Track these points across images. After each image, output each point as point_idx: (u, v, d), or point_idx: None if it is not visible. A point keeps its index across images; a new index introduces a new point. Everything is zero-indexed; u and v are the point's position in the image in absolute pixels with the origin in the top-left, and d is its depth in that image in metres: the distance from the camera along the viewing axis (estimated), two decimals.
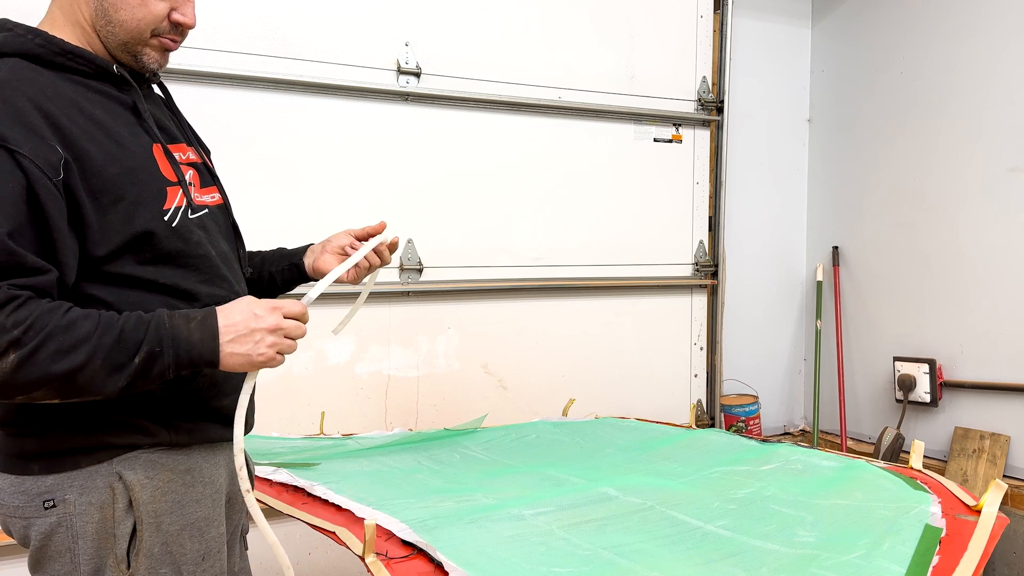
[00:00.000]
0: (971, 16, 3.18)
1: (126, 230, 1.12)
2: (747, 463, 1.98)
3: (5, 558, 2.35)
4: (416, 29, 2.86)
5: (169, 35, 1.20)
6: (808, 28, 3.93)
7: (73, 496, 1.13)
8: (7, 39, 1.12)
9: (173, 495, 1.18)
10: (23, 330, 0.98)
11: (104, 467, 1.14)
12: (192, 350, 1.08)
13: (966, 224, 3.20)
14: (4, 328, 0.97)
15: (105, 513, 1.14)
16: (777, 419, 3.94)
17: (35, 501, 1.13)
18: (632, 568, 1.33)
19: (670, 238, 3.44)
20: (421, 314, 2.93)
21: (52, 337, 0.99)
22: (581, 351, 3.24)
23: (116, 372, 1.03)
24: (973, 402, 3.20)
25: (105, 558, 1.15)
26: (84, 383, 1.02)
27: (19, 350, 0.97)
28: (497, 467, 2.05)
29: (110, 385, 1.03)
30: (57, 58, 1.13)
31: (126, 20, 1.15)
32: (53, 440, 1.13)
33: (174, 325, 1.08)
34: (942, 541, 1.36)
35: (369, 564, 1.34)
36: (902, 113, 3.46)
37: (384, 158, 2.85)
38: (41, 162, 1.03)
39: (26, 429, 1.13)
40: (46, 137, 1.05)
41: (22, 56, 1.11)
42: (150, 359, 1.05)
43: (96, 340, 1.02)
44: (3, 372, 0.97)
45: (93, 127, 1.11)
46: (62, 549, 1.14)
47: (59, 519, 1.13)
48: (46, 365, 0.99)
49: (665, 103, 3.37)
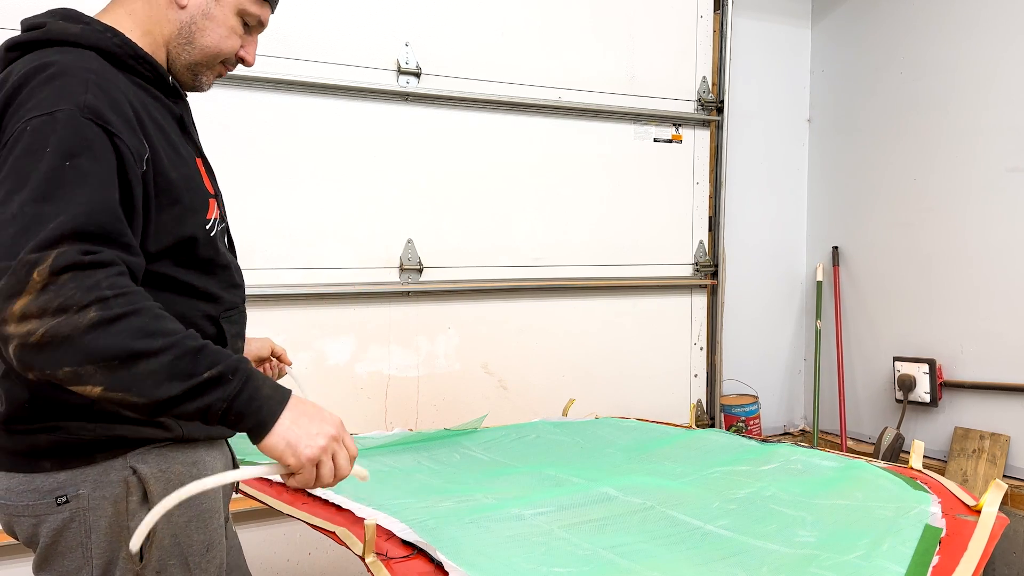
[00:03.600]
0: (971, 16, 3.18)
1: (176, 232, 1.15)
2: (747, 463, 1.98)
3: (5, 558, 2.35)
4: (416, 29, 2.86)
5: (229, 65, 1.29)
6: (808, 28, 3.93)
7: (87, 491, 1.12)
8: (86, 32, 1.13)
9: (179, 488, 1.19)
10: (116, 294, 0.94)
11: (118, 462, 1.14)
12: (255, 400, 1.01)
13: (966, 224, 3.20)
14: (98, 285, 0.93)
15: (119, 507, 1.14)
16: (777, 419, 3.94)
17: (47, 498, 1.12)
18: (632, 568, 1.33)
19: (670, 238, 3.44)
20: (421, 314, 2.93)
21: (140, 314, 0.95)
22: (581, 351, 3.24)
23: (178, 378, 0.96)
24: (973, 402, 3.20)
25: (117, 551, 1.14)
26: (142, 374, 0.95)
27: (103, 311, 0.92)
28: (497, 467, 2.05)
29: (162, 390, 0.96)
30: (128, 60, 1.16)
31: (208, 46, 1.22)
32: (68, 435, 1.12)
33: (253, 371, 1.03)
34: (942, 541, 1.36)
35: (369, 564, 1.34)
36: (902, 113, 3.46)
37: (384, 158, 2.85)
38: (133, 150, 1.06)
39: (38, 425, 1.12)
40: (135, 130, 1.09)
41: (98, 51, 1.12)
42: (215, 382, 0.98)
43: (177, 339, 0.97)
44: (76, 326, 0.92)
45: (158, 131, 1.15)
46: (74, 544, 1.13)
47: (72, 514, 1.12)
48: (120, 337, 0.93)
49: (665, 103, 3.37)
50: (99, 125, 1.02)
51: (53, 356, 0.92)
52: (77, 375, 0.93)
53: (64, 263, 0.92)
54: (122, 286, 0.96)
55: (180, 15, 1.20)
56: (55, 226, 0.94)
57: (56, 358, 0.93)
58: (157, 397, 0.96)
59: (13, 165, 0.98)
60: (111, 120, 1.04)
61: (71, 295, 0.92)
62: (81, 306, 0.92)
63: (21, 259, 0.92)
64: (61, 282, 0.92)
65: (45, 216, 0.94)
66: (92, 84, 1.05)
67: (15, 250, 0.93)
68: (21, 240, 0.93)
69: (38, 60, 1.07)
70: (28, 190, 0.96)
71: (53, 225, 0.94)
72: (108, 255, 0.97)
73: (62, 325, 0.91)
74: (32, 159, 0.98)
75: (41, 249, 0.92)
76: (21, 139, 0.99)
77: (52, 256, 0.92)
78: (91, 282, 0.93)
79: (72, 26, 1.13)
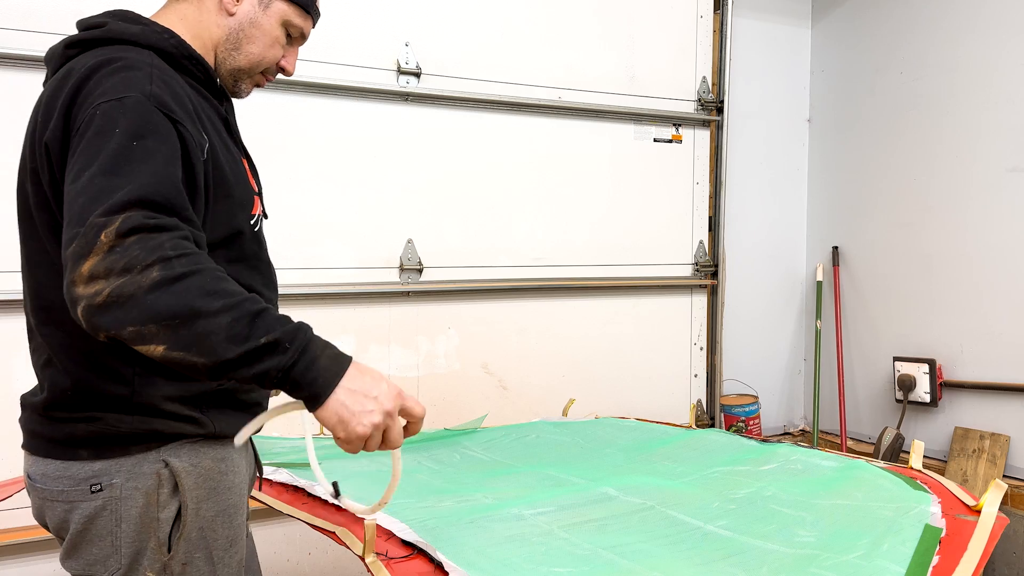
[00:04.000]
0: (971, 16, 3.18)
1: (228, 224, 1.21)
2: (747, 463, 1.98)
3: (5, 558, 2.35)
4: (416, 29, 2.87)
5: (269, 75, 1.35)
6: (808, 28, 3.93)
7: (120, 480, 1.15)
8: (145, 32, 1.18)
9: (211, 482, 1.22)
10: (178, 254, 0.96)
11: (152, 454, 1.17)
12: (309, 371, 1.00)
13: (966, 224, 3.20)
14: (161, 246, 0.96)
15: (150, 498, 1.16)
16: (777, 419, 3.94)
17: (81, 485, 1.15)
18: (632, 568, 1.33)
19: (670, 238, 3.44)
20: (421, 314, 2.93)
21: (201, 274, 0.97)
22: (581, 351, 3.24)
23: (235, 341, 0.96)
24: (973, 402, 3.20)
25: (146, 542, 1.17)
26: (201, 334, 0.95)
27: (166, 270, 0.94)
28: (497, 467, 2.05)
29: (219, 351, 0.96)
30: (183, 60, 1.21)
31: (253, 53, 1.29)
32: (105, 426, 1.14)
33: (312, 340, 1.03)
34: (942, 541, 1.36)
35: (369, 564, 1.34)
36: (902, 113, 3.46)
37: (384, 158, 2.85)
38: (195, 138, 1.12)
39: (77, 414, 1.15)
40: (195, 121, 1.15)
41: (155, 50, 1.17)
42: (271, 348, 0.98)
43: (237, 301, 0.98)
44: (139, 285, 0.94)
45: (211, 127, 1.21)
46: (104, 532, 1.16)
47: (104, 503, 1.15)
48: (181, 296, 0.94)
49: (665, 103, 3.37)
50: (164, 113, 1.07)
51: (117, 316, 0.94)
52: (141, 334, 0.95)
53: (130, 226, 0.96)
54: (184, 248, 0.98)
55: (229, 22, 1.26)
56: (122, 194, 0.98)
57: (120, 318, 0.94)
58: (215, 359, 0.96)
59: (84, 146, 1.02)
60: (175, 109, 1.09)
61: (135, 255, 0.94)
62: (144, 266, 0.94)
63: (90, 222, 0.95)
64: (127, 244, 0.95)
65: (113, 186, 0.98)
66: (156, 77, 1.10)
67: (84, 216, 0.96)
68: (90, 207, 0.97)
69: (103, 55, 1.11)
70: (97, 165, 1.00)
71: (120, 194, 0.98)
72: (172, 221, 1.00)
73: (126, 285, 0.94)
74: (101, 139, 1.02)
75: (109, 214, 0.96)
76: (92, 123, 1.03)
77: (120, 219, 0.96)
78: (155, 243, 0.96)
79: (131, 26, 1.18)
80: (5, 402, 2.35)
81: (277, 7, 1.28)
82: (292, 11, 1.29)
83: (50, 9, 2.34)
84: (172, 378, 1.16)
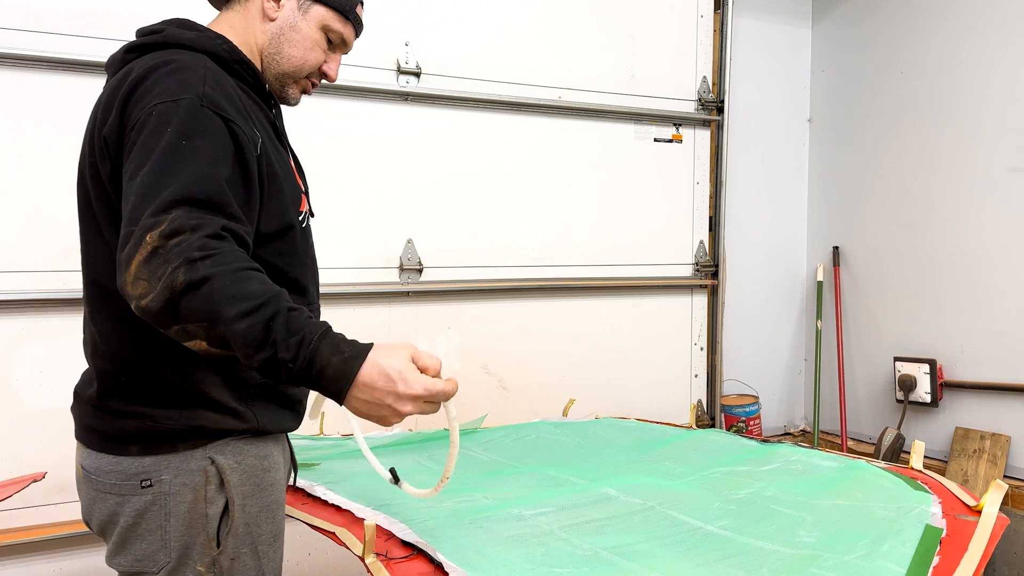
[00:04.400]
0: (972, 16, 3.18)
1: (280, 219, 1.25)
2: (747, 463, 1.98)
3: (5, 558, 2.35)
4: (416, 29, 2.86)
5: (313, 80, 1.39)
6: (808, 28, 3.93)
7: (169, 476, 1.18)
8: (199, 38, 1.24)
9: (255, 479, 1.25)
10: (203, 255, 0.99)
11: (199, 451, 1.20)
12: (323, 375, 1.02)
13: (967, 224, 3.20)
14: (191, 247, 0.99)
15: (197, 494, 1.20)
16: (777, 419, 3.93)
17: (132, 480, 1.18)
18: (632, 568, 1.33)
19: (670, 238, 3.43)
20: (421, 314, 2.93)
21: (222, 277, 0.99)
22: (581, 351, 3.24)
23: (253, 345, 0.99)
24: (974, 402, 3.19)
25: (194, 537, 1.20)
26: (227, 336, 0.99)
27: (190, 273, 0.97)
28: (497, 467, 2.05)
29: (246, 352, 0.99)
30: (234, 64, 1.26)
31: (294, 57, 1.33)
32: (154, 423, 1.18)
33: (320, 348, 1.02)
34: (942, 541, 1.36)
35: (369, 564, 1.34)
36: (903, 113, 3.46)
37: (384, 158, 2.85)
38: (248, 135, 1.17)
39: (128, 410, 1.18)
40: (247, 120, 1.19)
41: (209, 54, 1.22)
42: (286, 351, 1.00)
43: (253, 306, 0.99)
44: (173, 289, 0.98)
45: (261, 127, 1.25)
46: (153, 527, 1.19)
47: (154, 498, 1.18)
48: (204, 300, 0.98)
49: (665, 103, 3.37)
50: (216, 113, 1.12)
51: (161, 316, 1.00)
52: (185, 331, 1.00)
53: (174, 228, 1.00)
54: (211, 248, 1.00)
55: (271, 27, 1.32)
56: (168, 193, 1.02)
57: (164, 318, 1.00)
58: (245, 359, 1.01)
59: (140, 145, 1.08)
60: (227, 109, 1.14)
61: (171, 258, 0.99)
62: (175, 268, 0.98)
63: (140, 223, 1.01)
64: (169, 246, 0.99)
65: (161, 184, 1.03)
66: (209, 79, 1.16)
67: (136, 216, 1.02)
68: (140, 206, 1.02)
69: (159, 58, 1.17)
70: (149, 164, 1.05)
71: (167, 192, 1.03)
72: (212, 220, 1.03)
73: (163, 287, 0.98)
74: (155, 139, 1.07)
75: (156, 214, 1.01)
76: (147, 122, 1.09)
77: (165, 221, 1.00)
78: (186, 245, 0.99)
79: (187, 32, 1.24)
80: (5, 402, 2.35)
81: (316, 11, 1.33)
82: (330, 16, 1.34)
83: (50, 9, 2.34)
84: (219, 368, 1.20)
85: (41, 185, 2.34)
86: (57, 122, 2.35)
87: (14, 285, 2.34)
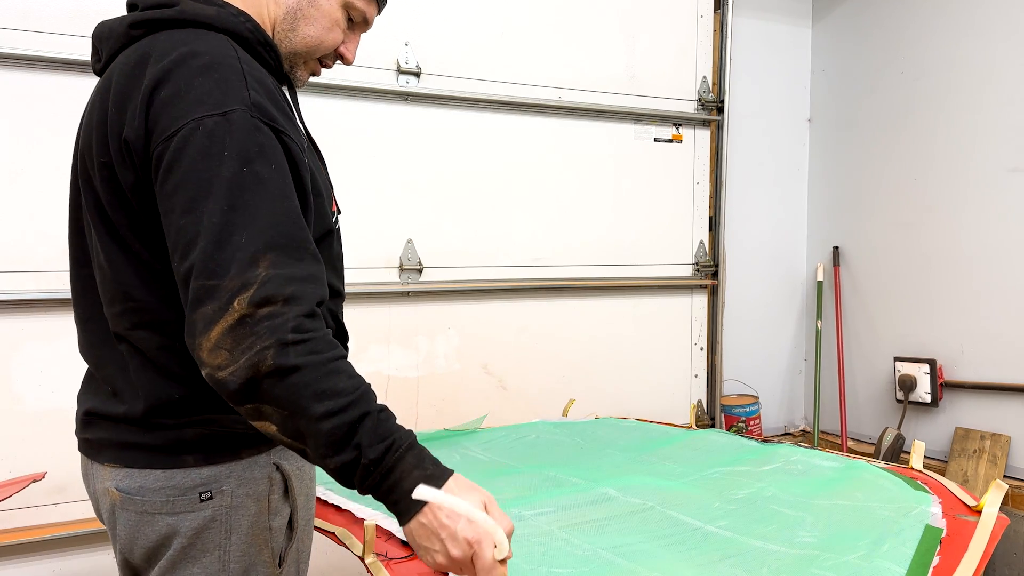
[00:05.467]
0: (972, 15, 3.18)
1: (323, 224, 1.14)
2: (747, 463, 1.98)
3: (5, 558, 2.35)
4: (416, 29, 2.86)
5: (327, 61, 1.22)
6: (808, 28, 3.93)
7: (231, 487, 1.07)
8: (221, 15, 1.07)
9: (307, 487, 1.17)
10: (296, 340, 0.91)
11: (263, 457, 1.10)
12: (393, 491, 0.95)
13: (967, 224, 3.20)
14: (284, 325, 0.91)
15: (261, 505, 1.09)
16: (777, 419, 3.93)
17: (188, 495, 1.05)
18: (632, 569, 1.32)
19: (670, 238, 3.43)
20: (421, 314, 2.92)
21: (313, 368, 0.91)
22: (581, 351, 3.23)
23: (331, 447, 0.92)
24: (974, 402, 3.19)
25: (256, 555, 1.09)
26: (304, 432, 0.92)
27: (280, 358, 0.90)
28: (497, 467, 2.05)
29: (319, 452, 0.93)
30: (257, 46, 1.10)
31: (310, 35, 1.16)
32: (220, 428, 1.07)
33: (403, 459, 0.95)
34: (942, 541, 1.36)
35: (369, 565, 1.34)
36: (903, 113, 3.46)
37: (384, 158, 2.85)
38: (298, 144, 1.04)
39: (186, 419, 1.06)
40: (293, 122, 1.06)
41: (231, 35, 1.07)
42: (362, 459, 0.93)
43: (342, 405, 0.92)
44: (257, 369, 0.90)
45: (297, 123, 1.12)
46: (211, 547, 1.06)
47: (214, 513, 1.06)
48: (290, 390, 0.90)
49: (665, 103, 3.37)
50: (268, 125, 1.00)
51: (236, 394, 0.91)
52: (258, 412, 0.93)
53: (264, 296, 0.91)
54: (305, 331, 0.92)
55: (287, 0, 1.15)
56: (247, 242, 0.92)
57: (239, 396, 0.92)
58: (315, 457, 0.94)
59: (189, 170, 0.94)
60: (276, 117, 1.01)
61: (261, 333, 0.90)
62: (264, 348, 0.90)
63: (224, 284, 0.91)
64: (257, 318, 0.90)
65: (234, 228, 0.92)
66: (249, 78, 1.01)
67: (211, 268, 0.91)
68: (217, 256, 0.91)
69: (182, 45, 1.01)
70: (213, 199, 0.93)
71: (244, 241, 0.92)
72: (305, 290, 0.94)
73: (248, 364, 0.90)
74: (208, 164, 0.94)
75: (242, 273, 0.91)
76: (193, 141, 0.95)
77: (254, 287, 0.91)
78: (279, 322, 0.91)
79: (206, 8, 1.07)
80: (5, 402, 2.35)
81: None
82: None
83: (49, 9, 2.33)
84: None
85: (40, 185, 2.34)
86: (55, 122, 2.35)
87: (14, 285, 2.33)
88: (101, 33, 1.11)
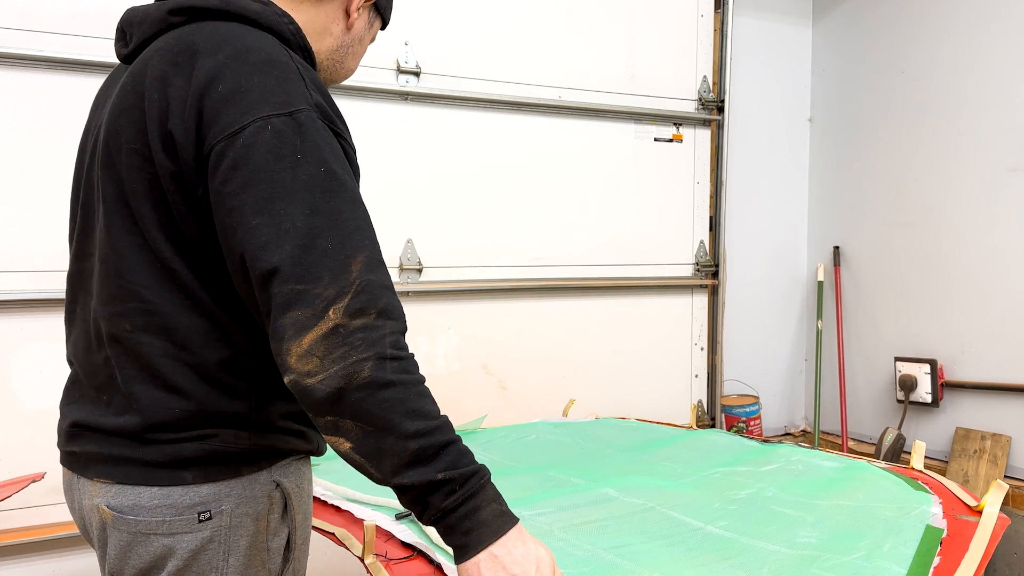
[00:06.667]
0: (973, 15, 3.17)
1: None
2: (748, 464, 1.98)
3: (5, 558, 2.35)
4: (416, 29, 2.86)
5: None
6: (809, 27, 3.92)
7: (230, 506, 1.03)
8: (266, 13, 1.04)
9: (305, 505, 1.15)
10: (393, 356, 0.90)
11: (264, 475, 1.06)
12: (469, 519, 0.94)
13: (967, 224, 3.20)
14: (381, 340, 0.90)
15: (259, 525, 1.06)
16: (778, 419, 3.93)
17: (186, 514, 1.00)
18: (632, 569, 1.32)
19: (670, 238, 3.43)
20: (421, 314, 2.92)
21: (407, 387, 0.91)
22: (581, 351, 3.23)
23: (413, 468, 0.91)
24: (974, 402, 3.19)
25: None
26: (387, 451, 0.90)
27: (377, 371, 0.88)
28: (497, 468, 2.04)
29: (397, 475, 0.91)
30: (297, 50, 1.07)
31: (352, 69, 1.23)
32: (221, 444, 1.02)
33: (483, 488, 0.96)
34: (943, 542, 1.36)
35: (368, 565, 1.34)
36: (903, 112, 3.46)
37: (383, 157, 2.84)
38: (353, 150, 1.04)
39: (186, 434, 1.00)
40: (344, 122, 1.05)
41: (274, 34, 1.04)
42: (442, 485, 0.92)
43: (431, 427, 0.92)
44: (350, 379, 0.88)
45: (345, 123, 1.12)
46: (207, 569, 1.02)
47: (212, 533, 1.02)
48: (384, 405, 0.89)
49: (665, 103, 3.36)
50: (330, 127, 0.98)
51: (322, 403, 0.89)
52: (336, 425, 0.90)
53: (360, 306, 0.89)
54: (400, 347, 0.92)
55: (344, 36, 1.16)
56: (334, 248, 0.91)
57: (325, 405, 0.89)
58: (390, 480, 0.92)
59: (261, 168, 0.91)
60: (336, 121, 1.01)
61: (356, 344, 0.88)
62: (361, 359, 0.88)
63: (317, 291, 0.89)
64: (352, 328, 0.89)
65: (319, 232, 0.91)
66: (308, 78, 0.99)
67: (299, 272, 0.89)
68: (303, 260, 0.89)
69: (235, 40, 0.98)
70: (292, 201, 0.91)
71: (331, 246, 0.90)
72: (395, 305, 0.93)
73: (340, 374, 0.88)
74: (283, 164, 0.92)
75: (336, 279, 0.89)
76: (260, 140, 0.92)
77: (348, 294, 0.89)
78: (376, 335, 0.90)
79: (252, 3, 1.04)
80: (5, 402, 2.35)
81: (376, 26, 1.22)
82: (377, 30, 1.24)
83: (49, 9, 2.33)
84: (287, 397, 1.06)
85: (40, 185, 2.34)
86: (56, 122, 2.35)
87: (14, 285, 2.33)
88: (132, 18, 1.08)
